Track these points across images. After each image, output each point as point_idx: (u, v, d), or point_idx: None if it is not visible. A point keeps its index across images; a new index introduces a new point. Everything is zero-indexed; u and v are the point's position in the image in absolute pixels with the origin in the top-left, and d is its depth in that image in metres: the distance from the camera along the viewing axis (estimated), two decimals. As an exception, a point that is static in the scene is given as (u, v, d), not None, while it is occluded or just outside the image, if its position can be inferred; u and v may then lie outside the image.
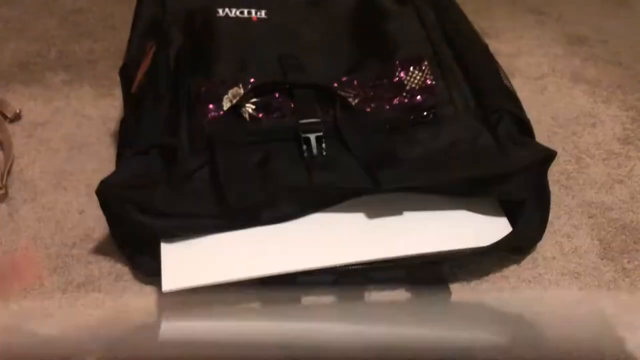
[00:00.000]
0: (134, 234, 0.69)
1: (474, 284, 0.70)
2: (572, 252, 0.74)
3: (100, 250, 0.74)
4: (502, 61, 1.14)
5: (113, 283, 0.70)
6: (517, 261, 0.72)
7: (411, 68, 0.78)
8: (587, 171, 0.87)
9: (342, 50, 0.82)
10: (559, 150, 0.91)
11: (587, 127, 0.97)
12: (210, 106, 0.75)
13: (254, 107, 0.75)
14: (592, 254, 0.74)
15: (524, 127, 0.73)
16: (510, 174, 0.67)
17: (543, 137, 0.93)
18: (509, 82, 0.79)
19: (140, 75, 0.82)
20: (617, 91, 1.05)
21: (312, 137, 0.72)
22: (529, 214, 0.70)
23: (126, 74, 0.85)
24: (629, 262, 0.73)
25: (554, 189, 0.83)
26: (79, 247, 0.74)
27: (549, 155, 0.69)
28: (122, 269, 0.72)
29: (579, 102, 1.03)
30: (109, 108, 0.98)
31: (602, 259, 0.73)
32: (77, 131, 0.94)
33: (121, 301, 0.68)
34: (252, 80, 0.77)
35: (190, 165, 0.70)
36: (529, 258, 0.73)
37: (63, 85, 1.04)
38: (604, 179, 0.85)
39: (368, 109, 0.75)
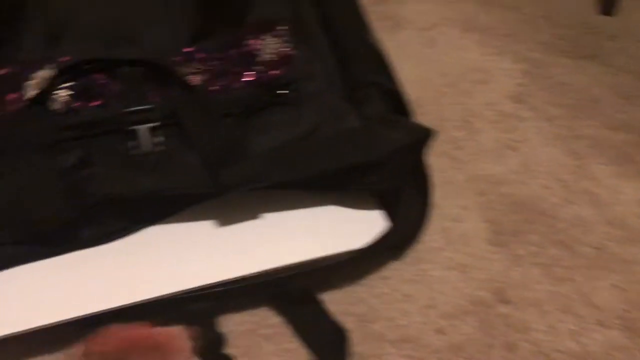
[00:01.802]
0: None
1: (349, 290, 0.58)
2: (460, 239, 0.63)
3: None
4: (388, 10, 1.00)
5: None
6: (397, 256, 0.61)
7: (264, 34, 0.62)
8: (477, 138, 0.76)
9: (185, 14, 0.65)
10: (447, 114, 0.80)
11: (478, 84, 0.85)
12: (11, 95, 0.57)
13: (68, 93, 0.58)
14: (481, 240, 0.63)
15: (398, 103, 0.60)
16: (379, 162, 0.54)
17: (431, 99, 0.81)
18: (380, 48, 0.65)
19: None
20: (511, 41, 0.94)
21: (142, 129, 0.56)
22: (407, 204, 0.58)
23: None
24: (520, 247, 0.63)
25: (440, 162, 0.71)
26: None
27: (424, 136, 0.56)
28: None
29: (470, 56, 0.91)
30: None
31: (492, 246, 0.63)
32: None
33: None
34: (66, 58, 0.59)
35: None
36: (412, 251, 0.61)
37: None
38: (494, 145, 0.74)
39: (215, 88, 0.59)
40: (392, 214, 0.57)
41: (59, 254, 0.53)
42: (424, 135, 0.56)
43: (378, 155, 0.54)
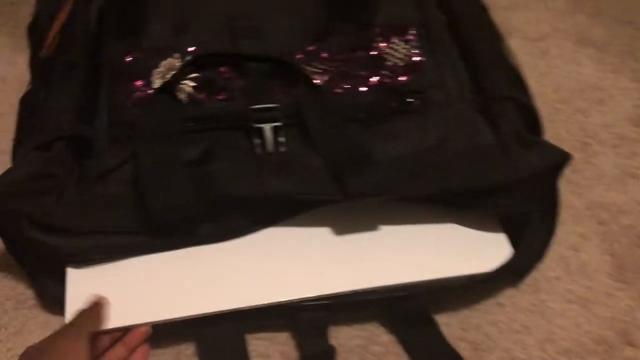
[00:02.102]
0: (34, 253, 0.52)
1: (463, 314, 0.55)
2: (580, 270, 0.59)
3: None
4: (496, 17, 0.96)
5: (12, 311, 0.54)
6: (514, 282, 0.58)
7: (394, 38, 0.60)
8: (595, 161, 0.71)
9: (309, 11, 0.63)
10: (563, 133, 0.76)
11: (595, 104, 0.80)
12: (137, 82, 0.57)
13: (193, 84, 0.57)
14: (602, 274, 0.59)
15: (532, 120, 0.57)
16: (513, 183, 0.51)
17: (545, 115, 0.75)
18: (513, 59, 0.61)
19: (52, 34, 0.62)
20: (628, 58, 0.88)
21: (267, 128, 0.54)
22: (533, 230, 0.55)
23: (37, 32, 0.65)
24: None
25: (557, 184, 0.67)
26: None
27: (562, 160, 0.52)
28: (25, 293, 0.55)
29: (584, 71, 0.86)
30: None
31: (615, 281, 0.59)
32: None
33: (22, 336, 0.53)
34: (191, 49, 0.59)
35: (108, 162, 0.53)
36: (528, 278, 0.58)
37: (-29, 34, 0.83)
38: (614, 172, 0.70)
39: (339, 90, 0.58)
40: (516, 238, 0.54)
41: (173, 248, 0.53)
42: (562, 159, 0.52)
43: (514, 177, 0.51)
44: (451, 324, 0.54)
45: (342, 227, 0.54)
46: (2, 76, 0.77)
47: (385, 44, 0.59)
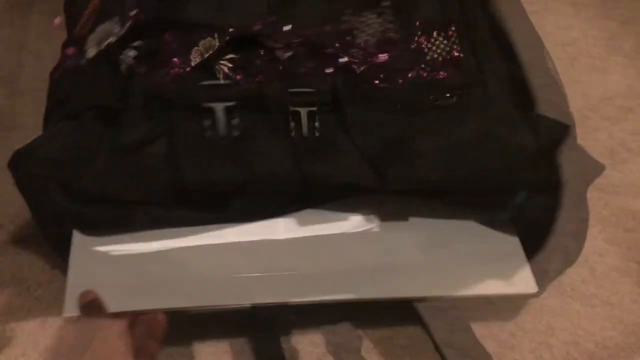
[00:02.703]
0: (63, 223, 0.52)
1: (488, 312, 0.56)
2: (605, 276, 0.60)
3: (35, 239, 0.57)
4: (527, 19, 0.96)
5: (47, 285, 0.54)
6: (541, 285, 0.58)
7: (435, 33, 0.60)
8: (623, 169, 0.71)
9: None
10: (590, 140, 0.76)
11: (624, 112, 0.80)
12: (175, 59, 0.57)
13: (230, 65, 0.57)
14: (628, 281, 0.60)
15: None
16: (553, 184, 0.51)
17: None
18: (553, 65, 0.61)
19: (89, 11, 0.62)
20: (658, 68, 0.89)
21: (303, 112, 0.54)
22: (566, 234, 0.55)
23: (73, 9, 0.65)
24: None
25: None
26: (6, 234, 0.57)
27: (597, 170, 0.53)
28: (61, 267, 0.55)
29: (614, 79, 0.86)
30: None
31: (640, 289, 0.59)
32: (19, 72, 0.75)
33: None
34: (231, 29, 0.59)
35: (142, 135, 0.53)
36: (554, 281, 0.58)
37: (7, 8, 0.83)
38: (642, 180, 0.70)
39: (376, 81, 0.58)
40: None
41: (203, 224, 0.53)
42: (597, 169, 0.52)
43: (552, 178, 0.51)
44: (476, 322, 0.54)
45: (378, 235, 0.53)
46: (37, 52, 0.77)
47: (425, 39, 0.59)
